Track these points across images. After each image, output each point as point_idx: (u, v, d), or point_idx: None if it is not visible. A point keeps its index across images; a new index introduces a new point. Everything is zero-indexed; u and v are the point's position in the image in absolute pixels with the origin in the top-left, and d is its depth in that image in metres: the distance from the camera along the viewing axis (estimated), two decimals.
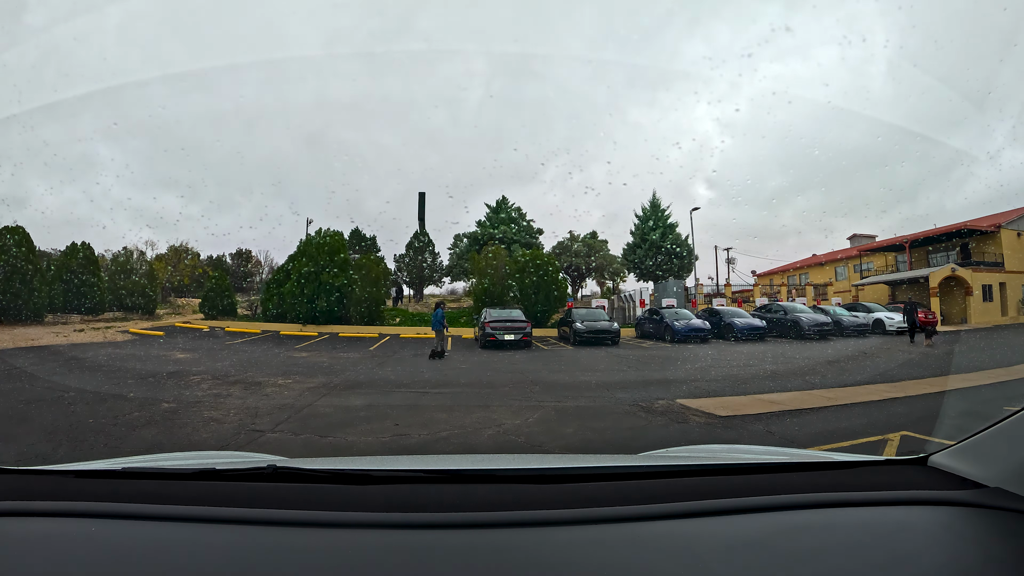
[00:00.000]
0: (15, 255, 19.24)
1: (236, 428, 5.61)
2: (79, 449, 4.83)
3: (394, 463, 1.52)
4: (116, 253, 26.73)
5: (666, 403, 7.06)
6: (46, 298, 20.40)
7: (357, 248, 30.32)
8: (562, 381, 9.66)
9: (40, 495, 1.17)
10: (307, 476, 1.21)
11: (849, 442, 5.03)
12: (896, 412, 6.33)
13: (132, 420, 5.94)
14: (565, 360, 13.36)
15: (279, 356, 13.44)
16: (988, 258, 26.53)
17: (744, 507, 1.12)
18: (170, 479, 1.27)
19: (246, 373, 10.00)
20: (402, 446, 5.04)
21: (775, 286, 31.91)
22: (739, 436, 5.38)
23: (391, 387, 8.96)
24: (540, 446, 5.04)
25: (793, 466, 1.42)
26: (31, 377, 8.97)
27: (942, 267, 25.84)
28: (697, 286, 29.83)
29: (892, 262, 31.32)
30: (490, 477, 1.26)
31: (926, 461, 1.34)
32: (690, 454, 1.99)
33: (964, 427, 4.51)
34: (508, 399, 7.52)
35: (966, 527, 1.08)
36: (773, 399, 7.28)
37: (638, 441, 5.30)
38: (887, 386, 8.22)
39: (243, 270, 38.19)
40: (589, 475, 1.32)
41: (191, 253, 34.57)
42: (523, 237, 31.15)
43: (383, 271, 26.44)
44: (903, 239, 29.30)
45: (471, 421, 6.06)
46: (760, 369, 11.15)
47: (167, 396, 7.51)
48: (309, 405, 6.93)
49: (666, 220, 31.21)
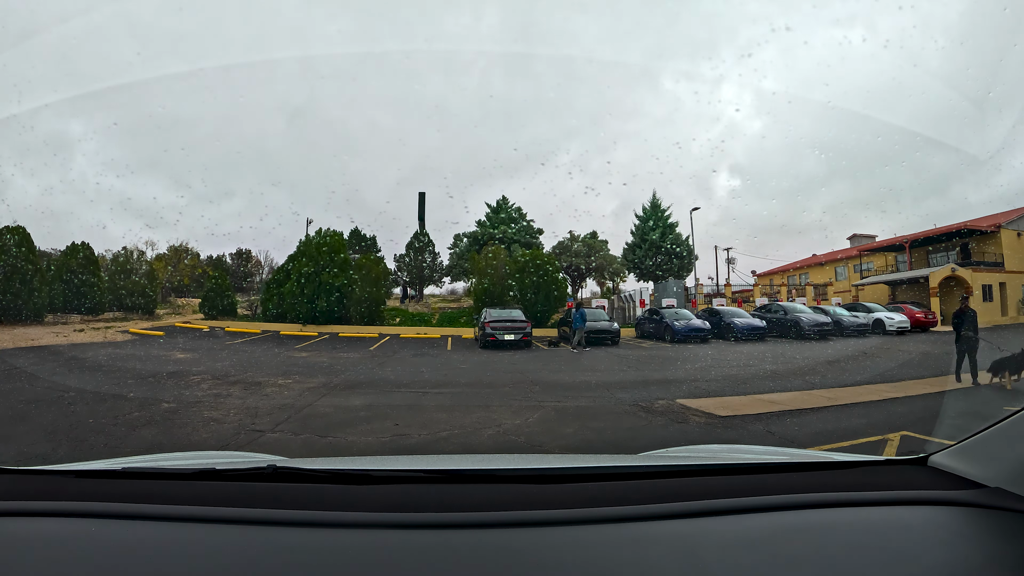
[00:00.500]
0: (15, 255, 19.23)
1: (236, 428, 5.62)
2: (79, 449, 4.83)
3: (394, 463, 1.52)
4: (116, 253, 26.70)
5: (666, 403, 7.06)
6: (46, 298, 20.39)
7: (357, 248, 30.31)
8: (562, 381, 9.66)
9: (40, 495, 1.17)
10: (307, 476, 1.21)
11: (849, 442, 5.03)
12: (896, 412, 6.34)
13: (132, 420, 5.94)
14: (565, 360, 13.36)
15: (279, 356, 13.44)
16: (988, 258, 26.53)
17: (744, 507, 1.12)
18: (170, 479, 1.27)
19: (246, 373, 10.00)
20: (402, 446, 5.04)
21: (775, 286, 31.92)
22: (739, 436, 5.38)
23: (391, 387, 8.96)
24: (540, 446, 5.04)
25: (793, 466, 1.42)
26: (31, 377, 8.97)
27: (942, 267, 25.85)
28: (697, 286, 29.83)
29: (892, 262, 31.31)
30: (490, 477, 1.26)
31: (926, 461, 1.34)
32: (690, 454, 1.99)
33: (964, 427, 4.51)
34: (508, 399, 7.52)
35: (966, 527, 1.08)
36: (773, 399, 7.28)
37: (638, 441, 5.30)
38: (887, 386, 8.23)
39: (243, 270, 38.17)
40: (589, 475, 1.32)
41: (191, 253, 34.57)
42: (523, 237, 31.14)
43: (383, 271, 26.44)
44: (903, 239, 29.30)
45: (471, 421, 6.06)
46: (760, 369, 11.16)
47: (167, 396, 7.51)
48: (309, 405, 6.93)
49: (666, 220, 31.19)
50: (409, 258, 33.30)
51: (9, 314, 18.78)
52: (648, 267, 30.58)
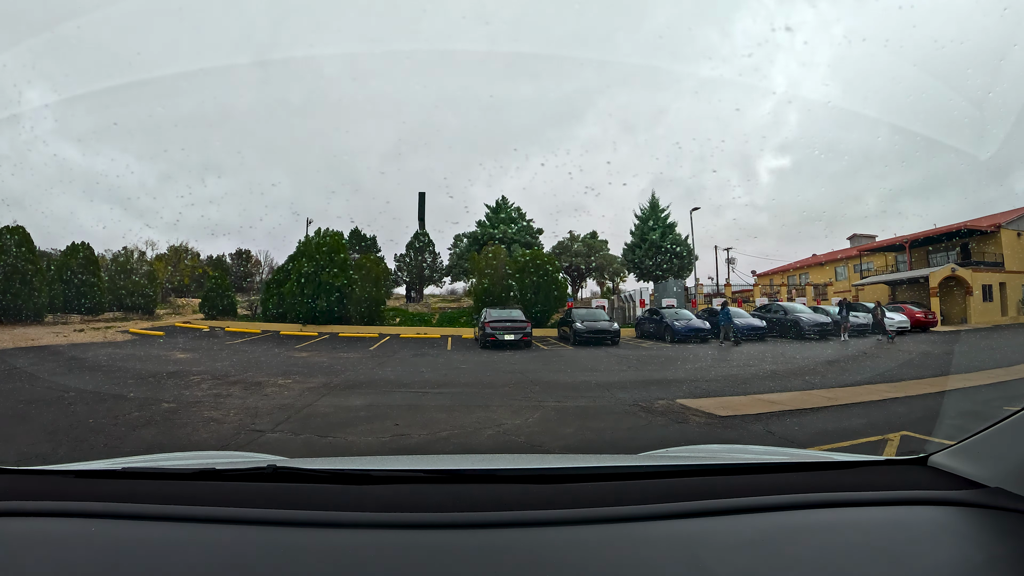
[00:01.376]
0: (15, 255, 19.23)
1: (236, 428, 5.61)
2: (79, 449, 4.83)
3: (394, 463, 1.52)
4: (116, 253, 26.73)
5: (666, 403, 7.06)
6: (46, 298, 20.39)
7: (357, 248, 30.32)
8: (562, 381, 9.66)
9: (40, 495, 1.17)
10: (307, 476, 1.21)
11: (849, 442, 5.03)
12: (896, 412, 6.33)
13: (132, 420, 5.94)
14: (565, 360, 13.36)
15: (279, 356, 13.44)
16: (988, 258, 26.53)
17: (744, 507, 1.12)
18: (170, 479, 1.27)
19: (246, 373, 10.00)
20: (402, 446, 5.04)
21: (775, 286, 31.92)
22: (739, 436, 5.37)
23: (391, 387, 8.96)
24: (540, 446, 5.04)
25: (793, 466, 1.42)
26: (31, 377, 8.97)
27: (942, 267, 25.85)
28: (697, 286, 29.84)
29: (892, 262, 31.33)
30: (490, 477, 1.26)
31: (926, 461, 1.34)
32: (690, 454, 1.99)
33: (964, 427, 4.51)
34: (508, 399, 7.52)
35: (966, 527, 1.08)
36: (773, 399, 7.28)
37: (638, 441, 5.30)
38: (887, 386, 8.22)
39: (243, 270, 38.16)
40: (589, 475, 1.32)
41: (191, 253, 34.60)
42: (523, 237, 31.13)
43: (383, 271, 26.44)
44: (903, 239, 29.31)
45: (471, 421, 6.06)
46: (760, 369, 11.16)
47: (167, 396, 7.51)
48: (309, 405, 6.93)
49: (665, 220, 31.20)
50: (409, 258, 33.30)
51: (9, 314, 18.79)
52: (648, 267, 30.58)
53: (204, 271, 31.77)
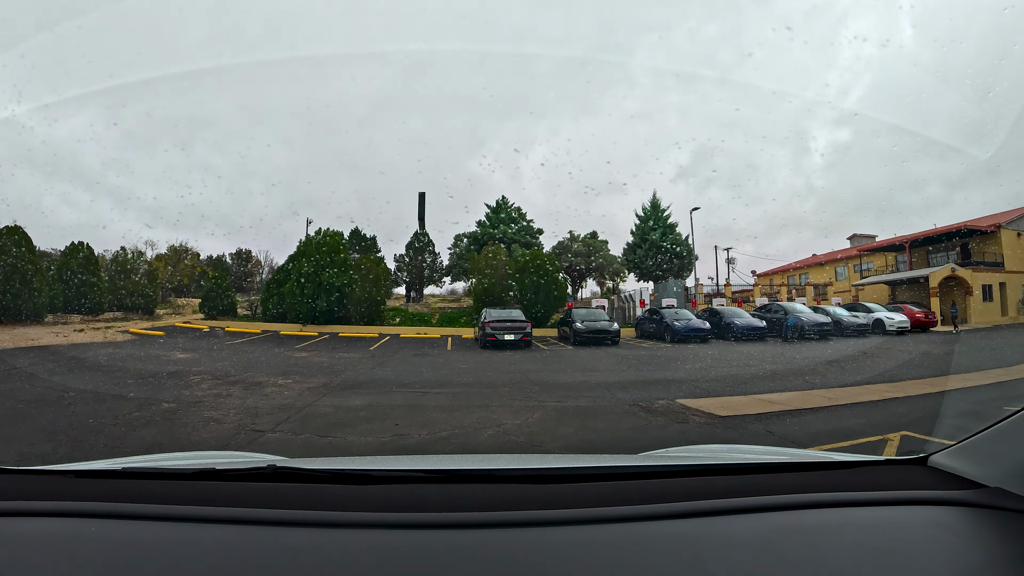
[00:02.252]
0: (15, 255, 19.22)
1: (236, 428, 5.61)
2: (79, 449, 4.83)
3: (394, 463, 1.52)
4: (116, 253, 26.70)
5: (666, 403, 7.06)
6: (46, 298, 20.37)
7: (357, 248, 30.31)
8: (562, 381, 9.66)
9: (40, 495, 1.17)
10: (307, 476, 1.21)
11: (849, 442, 5.03)
12: (896, 412, 6.33)
13: (132, 420, 5.94)
14: (565, 360, 13.36)
15: (279, 356, 13.44)
16: (988, 258, 26.53)
17: (744, 507, 1.12)
18: (170, 479, 1.27)
19: (246, 373, 10.00)
20: (402, 446, 5.03)
21: (775, 286, 31.92)
22: (739, 436, 5.37)
23: (391, 387, 8.95)
24: (540, 446, 5.04)
25: (793, 466, 1.42)
26: (31, 377, 8.97)
27: (942, 267, 25.86)
28: (697, 286, 29.84)
29: (892, 262, 31.32)
30: (490, 477, 1.26)
31: (926, 461, 1.34)
32: (690, 454, 1.99)
33: (964, 427, 4.51)
34: (508, 399, 7.52)
35: (966, 527, 1.08)
36: (773, 399, 7.28)
37: (638, 441, 5.30)
38: (887, 386, 8.22)
39: (243, 270, 38.15)
40: (589, 475, 1.32)
41: (191, 253, 34.58)
42: (523, 237, 31.13)
43: (383, 271, 26.43)
44: (903, 239, 29.31)
45: (471, 421, 6.06)
46: (760, 369, 11.16)
47: (167, 396, 7.51)
48: (309, 405, 6.93)
49: (666, 220, 31.19)
50: (409, 258, 33.29)
51: (9, 314, 18.78)
52: (648, 267, 30.57)
53: (204, 271, 31.76)
